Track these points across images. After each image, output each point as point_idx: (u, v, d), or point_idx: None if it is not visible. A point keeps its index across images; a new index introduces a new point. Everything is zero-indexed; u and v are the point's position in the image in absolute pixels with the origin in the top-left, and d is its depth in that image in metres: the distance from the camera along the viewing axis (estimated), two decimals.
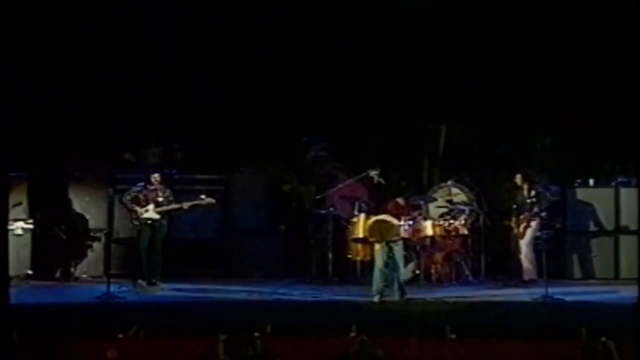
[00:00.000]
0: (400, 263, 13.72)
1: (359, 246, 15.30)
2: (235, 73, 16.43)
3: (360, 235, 15.10)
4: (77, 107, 16.22)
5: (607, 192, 15.89)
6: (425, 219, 15.38)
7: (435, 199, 15.94)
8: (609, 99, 15.53)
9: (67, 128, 16.30)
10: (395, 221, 13.79)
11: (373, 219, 13.91)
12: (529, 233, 15.11)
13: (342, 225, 15.77)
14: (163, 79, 16.45)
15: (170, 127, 16.80)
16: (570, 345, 12.10)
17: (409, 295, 13.65)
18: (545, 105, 16.31)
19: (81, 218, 16.12)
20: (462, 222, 15.46)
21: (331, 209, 15.82)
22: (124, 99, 16.50)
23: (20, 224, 15.52)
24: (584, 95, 16.07)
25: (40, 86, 15.77)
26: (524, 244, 15.15)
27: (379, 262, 13.68)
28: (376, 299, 13.55)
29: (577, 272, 15.86)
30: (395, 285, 13.63)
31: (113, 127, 16.49)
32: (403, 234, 13.82)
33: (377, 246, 13.72)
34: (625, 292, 13.54)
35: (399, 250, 13.69)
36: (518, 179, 15.28)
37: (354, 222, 15.29)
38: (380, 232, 13.75)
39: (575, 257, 15.90)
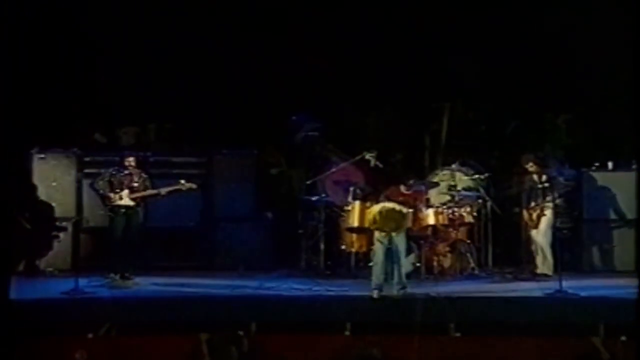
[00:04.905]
0: (402, 255, 13.70)
1: (354, 236, 15.31)
2: (217, 43, 16.39)
3: (355, 224, 15.11)
4: (41, 82, 16.15)
5: (628, 177, 15.87)
6: (427, 206, 15.41)
7: (437, 184, 15.92)
8: (629, 71, 15.48)
9: (31, 105, 16.24)
10: (405, 209, 13.76)
11: (380, 206, 13.81)
12: (543, 222, 15.04)
13: (335, 214, 15.76)
14: (136, 51, 16.40)
15: (145, 105, 16.76)
16: (586, 344, 12.13)
17: (409, 290, 13.65)
18: (558, 79, 16.28)
19: (47, 205, 16.08)
20: (468, 209, 15.46)
21: (323, 195, 15.79)
22: (94, 74, 16.44)
23: None
24: (601, 67, 16.05)
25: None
26: (538, 234, 15.11)
27: (379, 253, 13.63)
28: (375, 294, 13.52)
29: (594, 264, 15.90)
30: (395, 279, 13.60)
31: (82, 104, 16.44)
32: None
33: (377, 235, 13.66)
34: None
35: (401, 241, 13.64)
36: (528, 164, 15.24)
37: (349, 210, 15.30)
38: (395, 220, 13.62)
39: (592, 248, 15.95)
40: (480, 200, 15.75)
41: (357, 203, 15.21)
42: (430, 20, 16.15)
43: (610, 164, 16.18)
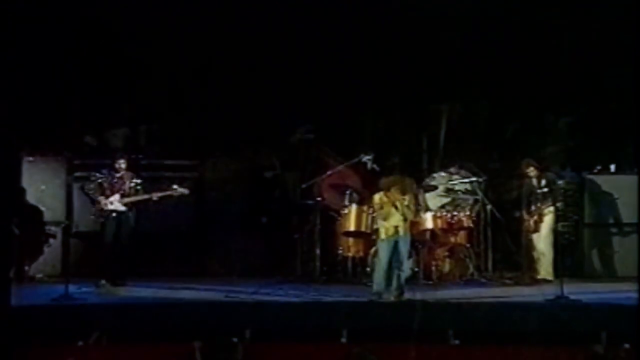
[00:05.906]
0: (405, 260, 13.66)
1: (350, 241, 15.29)
2: (210, 45, 16.35)
3: (352, 228, 15.11)
4: (31, 84, 16.10)
5: (631, 180, 15.83)
6: (425, 210, 15.39)
7: (435, 188, 15.90)
8: (630, 73, 15.48)
9: (19, 108, 16.19)
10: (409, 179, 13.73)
11: (392, 177, 13.78)
12: (543, 227, 15.07)
13: (332, 217, 15.74)
14: (128, 53, 16.35)
15: (136, 106, 16.72)
16: (588, 351, 12.10)
17: (406, 296, 13.62)
18: (560, 80, 16.26)
19: (36, 210, 16.04)
20: (467, 213, 15.45)
21: (319, 198, 15.78)
22: (84, 75, 16.40)
23: None
24: (603, 69, 16.03)
25: None
26: (538, 239, 15.12)
27: (382, 258, 13.58)
28: (374, 300, 13.49)
29: (596, 269, 15.88)
30: (394, 285, 13.57)
31: (72, 106, 16.40)
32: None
33: (382, 235, 13.60)
34: None
35: (404, 245, 13.60)
36: (529, 169, 15.22)
37: (345, 214, 15.28)
38: (408, 187, 13.60)
39: (594, 253, 15.92)
40: (479, 204, 15.72)
41: (354, 207, 15.21)
42: (429, 21, 16.12)
43: (612, 167, 16.16)
